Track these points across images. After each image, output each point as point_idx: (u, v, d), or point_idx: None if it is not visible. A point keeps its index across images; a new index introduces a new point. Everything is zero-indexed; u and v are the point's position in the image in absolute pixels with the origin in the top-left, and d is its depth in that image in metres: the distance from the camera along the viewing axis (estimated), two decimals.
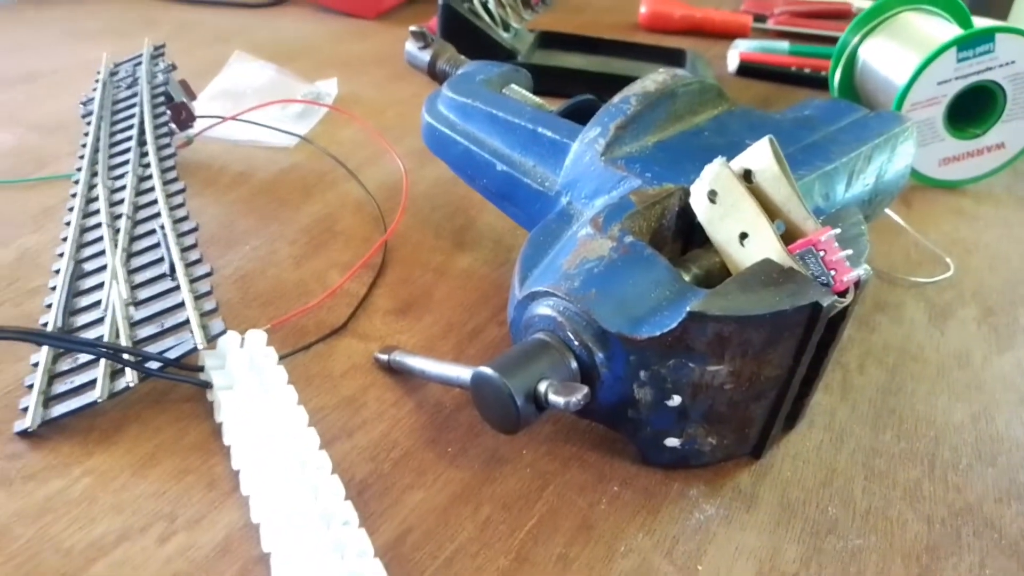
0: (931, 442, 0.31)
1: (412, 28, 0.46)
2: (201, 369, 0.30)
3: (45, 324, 0.32)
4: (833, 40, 0.60)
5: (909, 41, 0.54)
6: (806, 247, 0.26)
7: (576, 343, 0.26)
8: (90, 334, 0.31)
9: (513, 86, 0.41)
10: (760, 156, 0.27)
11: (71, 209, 0.39)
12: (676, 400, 0.26)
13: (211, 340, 0.30)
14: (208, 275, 0.32)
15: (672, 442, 0.28)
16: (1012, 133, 0.50)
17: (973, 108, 0.50)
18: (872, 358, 0.36)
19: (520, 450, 0.29)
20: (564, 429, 0.30)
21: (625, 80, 0.59)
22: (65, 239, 0.37)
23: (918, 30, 0.55)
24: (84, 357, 0.30)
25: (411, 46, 0.46)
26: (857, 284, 0.26)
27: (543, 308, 0.27)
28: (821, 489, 0.29)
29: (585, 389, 0.25)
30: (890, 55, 0.55)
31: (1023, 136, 0.50)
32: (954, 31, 0.54)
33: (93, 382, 0.29)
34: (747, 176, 0.28)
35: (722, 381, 0.26)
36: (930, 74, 0.48)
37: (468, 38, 0.60)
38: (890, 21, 0.57)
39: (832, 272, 0.26)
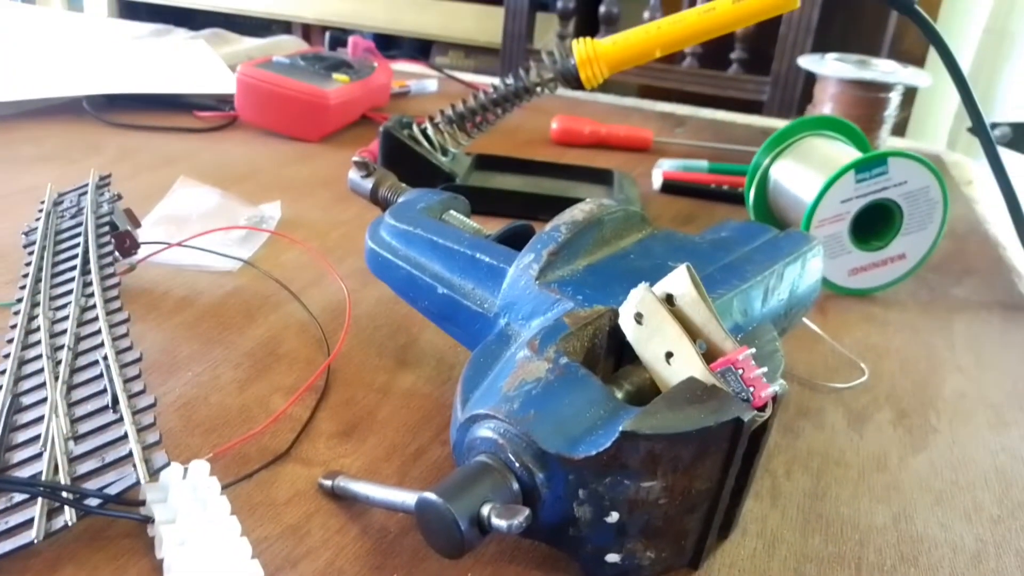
0: (857, 545, 0.33)
1: (355, 158, 0.48)
2: (142, 503, 0.30)
3: None
4: (749, 157, 0.65)
5: (814, 163, 0.59)
6: (726, 366, 0.28)
7: (517, 464, 0.27)
8: (27, 470, 0.31)
9: (452, 212, 0.44)
10: (679, 282, 0.30)
11: (10, 341, 0.38)
12: (614, 516, 0.27)
13: (154, 474, 0.30)
14: (152, 406, 0.32)
15: (613, 558, 0.29)
16: (911, 245, 0.55)
17: (875, 223, 0.55)
18: (798, 463, 0.38)
19: (465, 573, 0.30)
20: (508, 549, 0.31)
21: (557, 200, 0.63)
22: (3, 372, 0.36)
23: (821, 153, 0.60)
24: (20, 495, 0.30)
25: (354, 174, 0.48)
26: (774, 399, 0.28)
27: (484, 430, 0.28)
28: None
29: (527, 511, 0.26)
30: (798, 176, 0.60)
31: (921, 247, 0.55)
32: (853, 154, 0.59)
33: (29, 521, 0.28)
34: (669, 299, 0.30)
35: (656, 496, 0.27)
36: (833, 194, 0.53)
37: (408, 162, 0.63)
38: (796, 144, 0.62)
39: (751, 388, 0.28)
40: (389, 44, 1.92)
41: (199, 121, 0.83)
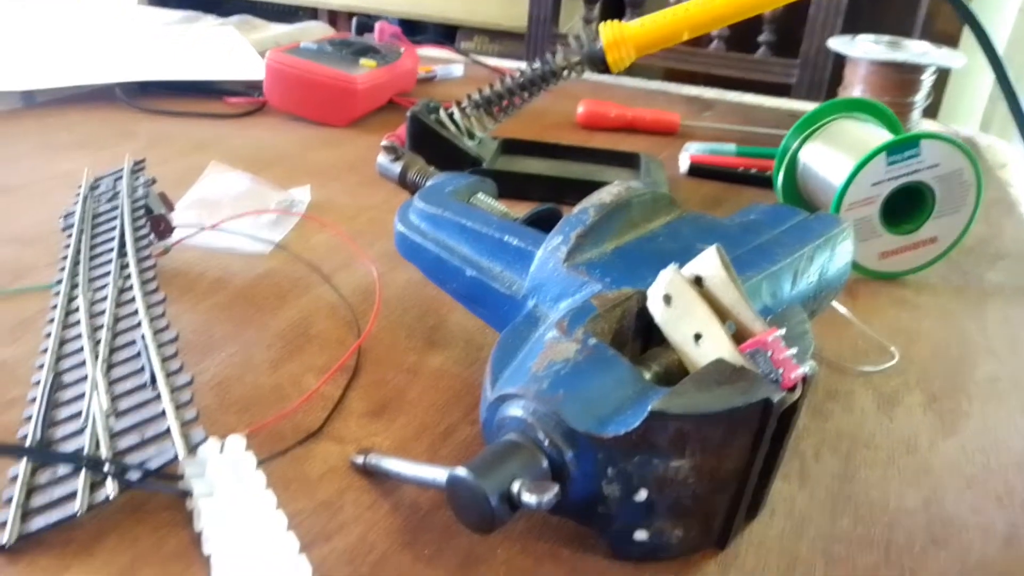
0: (886, 527, 0.33)
1: (383, 143, 0.49)
2: (181, 477, 0.31)
3: (24, 436, 0.33)
4: (777, 140, 0.65)
5: (844, 146, 0.59)
6: (755, 347, 0.28)
7: (547, 443, 0.28)
8: (70, 445, 0.32)
9: (480, 195, 0.44)
10: (709, 263, 0.30)
11: (51, 320, 0.40)
12: (643, 495, 0.28)
13: (192, 449, 0.30)
14: (189, 384, 0.33)
15: (640, 536, 0.29)
16: (943, 228, 0.54)
17: (906, 206, 0.54)
18: (827, 446, 0.38)
19: (495, 549, 0.30)
20: (537, 526, 0.31)
21: (583, 184, 0.63)
22: (45, 350, 0.37)
23: (851, 135, 0.60)
24: (64, 469, 0.31)
25: (382, 159, 0.49)
26: (804, 380, 0.28)
27: (514, 409, 0.29)
28: None
29: (556, 487, 0.26)
30: (828, 159, 0.59)
31: (954, 230, 0.54)
32: (884, 136, 0.58)
33: (73, 494, 0.29)
34: (698, 281, 0.30)
35: (685, 475, 0.27)
36: (864, 177, 0.52)
37: (435, 147, 0.63)
38: (826, 127, 0.62)
39: (780, 370, 0.28)
40: (415, 29, 1.93)
41: (229, 107, 0.84)
